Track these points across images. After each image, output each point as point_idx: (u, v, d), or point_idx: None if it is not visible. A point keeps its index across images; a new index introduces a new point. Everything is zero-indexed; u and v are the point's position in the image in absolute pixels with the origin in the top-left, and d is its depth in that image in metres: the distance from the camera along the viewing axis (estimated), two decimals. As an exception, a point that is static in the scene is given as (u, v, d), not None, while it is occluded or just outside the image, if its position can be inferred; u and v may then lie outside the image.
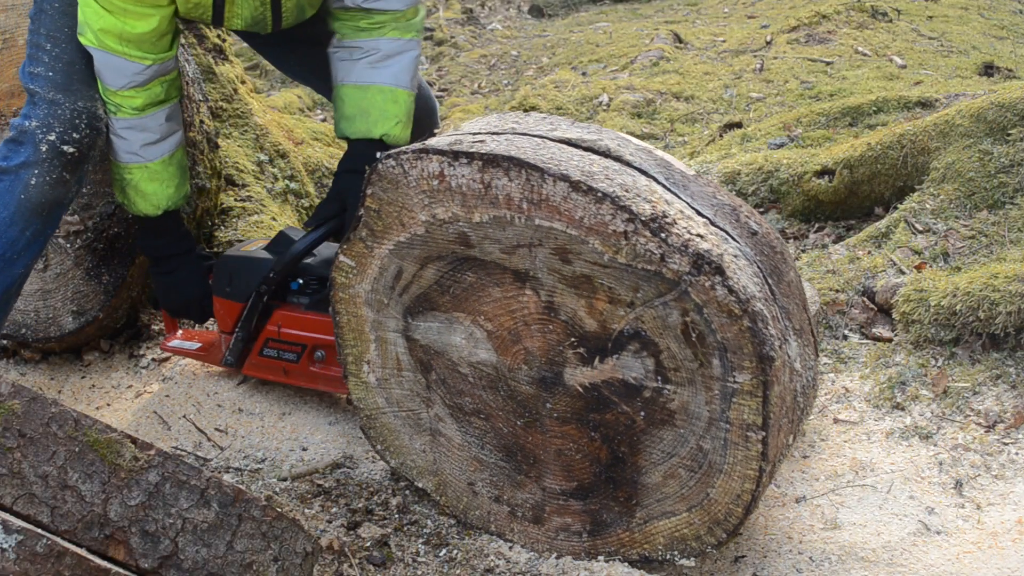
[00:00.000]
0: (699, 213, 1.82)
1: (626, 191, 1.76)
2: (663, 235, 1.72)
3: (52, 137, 2.14)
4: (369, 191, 1.96)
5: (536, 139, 1.87)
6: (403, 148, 1.92)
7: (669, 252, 1.72)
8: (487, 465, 2.08)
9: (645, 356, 1.83)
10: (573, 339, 1.89)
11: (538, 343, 1.93)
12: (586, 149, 1.87)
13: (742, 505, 1.84)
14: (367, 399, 2.17)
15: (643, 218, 1.73)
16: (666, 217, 1.74)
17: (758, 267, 1.83)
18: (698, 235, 1.75)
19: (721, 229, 1.83)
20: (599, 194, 1.74)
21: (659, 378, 1.84)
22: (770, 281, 1.84)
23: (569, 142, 1.88)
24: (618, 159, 1.86)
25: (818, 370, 1.96)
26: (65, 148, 2.15)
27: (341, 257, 2.06)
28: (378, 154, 1.95)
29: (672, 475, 1.89)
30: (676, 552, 1.94)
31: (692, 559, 1.94)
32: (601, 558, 2.01)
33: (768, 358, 1.73)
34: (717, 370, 1.77)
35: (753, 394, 1.75)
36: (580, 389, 1.92)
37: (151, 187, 2.35)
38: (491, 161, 1.80)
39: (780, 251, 1.93)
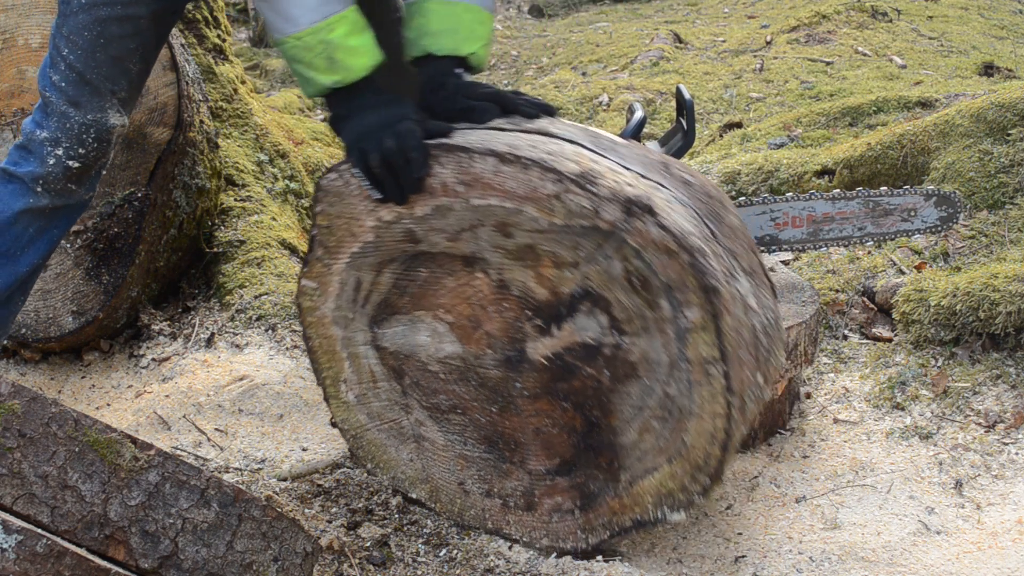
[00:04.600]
0: (628, 169, 1.86)
1: (552, 155, 1.81)
2: (592, 188, 1.77)
3: (59, 152, 2.15)
4: (318, 209, 1.99)
5: (465, 130, 1.91)
6: (343, 160, 1.94)
7: (600, 203, 1.77)
8: (472, 460, 2.09)
9: (598, 313, 1.86)
10: (528, 312, 1.92)
11: (497, 324, 1.95)
12: (512, 131, 1.91)
13: (718, 445, 1.85)
14: (350, 419, 2.18)
15: (571, 176, 1.77)
16: (593, 172, 1.79)
17: (693, 210, 1.86)
18: (627, 184, 1.79)
19: (652, 180, 1.86)
20: (525, 161, 1.79)
21: (615, 332, 1.86)
22: (709, 223, 1.87)
23: (497, 128, 1.92)
24: (545, 133, 1.91)
25: (780, 314, 1.97)
26: (70, 163, 2.15)
27: (303, 281, 2.08)
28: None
29: (647, 429, 1.90)
30: (665, 508, 1.94)
31: (681, 512, 1.93)
32: (597, 531, 2.01)
33: (712, 289, 1.76)
34: (667, 311, 1.80)
35: (705, 328, 1.78)
36: (544, 361, 1.94)
37: (359, 39, 1.93)
38: None
39: (718, 198, 1.96)
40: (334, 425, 2.21)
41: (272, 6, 1.89)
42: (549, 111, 2.03)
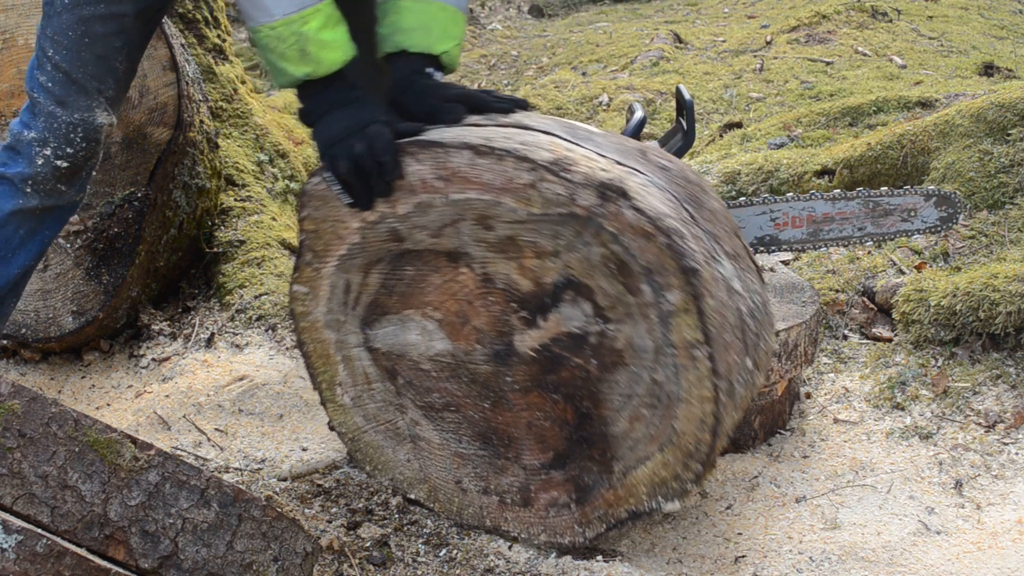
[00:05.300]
0: (603, 156, 1.87)
1: (526, 145, 1.82)
2: (566, 175, 1.78)
3: (47, 152, 2.13)
4: (304, 214, 2.01)
5: (441, 128, 1.92)
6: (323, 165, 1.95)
7: (575, 189, 1.77)
8: (468, 458, 2.09)
9: (581, 301, 1.86)
10: (514, 304, 1.92)
11: (484, 319, 1.96)
12: (488, 125, 1.92)
13: (708, 430, 1.84)
14: (347, 422, 2.19)
15: (544, 163, 1.78)
16: (567, 160, 1.80)
17: (671, 194, 1.86)
18: (601, 169, 1.79)
19: (628, 167, 1.86)
20: (500, 152, 1.80)
21: (599, 320, 1.87)
22: (688, 207, 1.87)
23: (473, 124, 1.94)
24: (520, 126, 1.92)
25: (768, 299, 1.97)
26: (59, 163, 2.14)
27: (295, 287, 2.09)
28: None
29: (637, 417, 1.90)
30: (660, 497, 1.94)
31: (675, 501, 1.92)
32: (594, 524, 2.00)
33: (692, 270, 1.76)
34: (649, 296, 1.80)
35: (687, 310, 1.78)
36: (532, 353, 1.94)
37: (332, 33, 1.93)
38: (399, 150, 1.87)
39: (697, 183, 1.96)
40: (332, 428, 2.22)
41: None
42: (523, 105, 2.03)
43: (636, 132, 2.27)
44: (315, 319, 2.10)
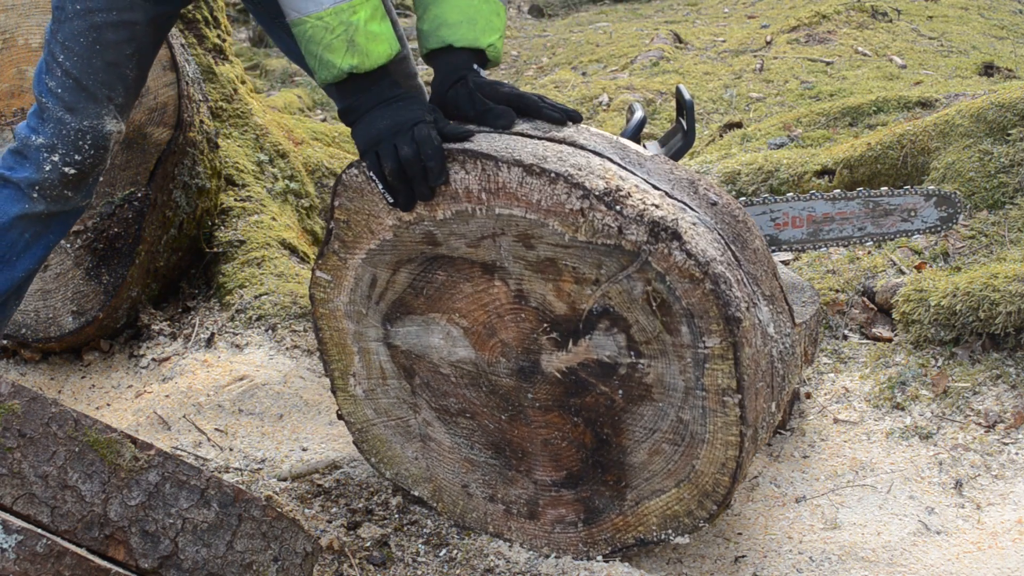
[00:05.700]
0: (655, 187, 1.84)
1: (579, 170, 1.78)
2: (618, 208, 1.75)
3: (55, 158, 2.12)
4: (336, 203, 1.97)
5: (491, 134, 1.89)
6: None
7: (626, 224, 1.75)
8: (478, 465, 2.08)
9: (616, 332, 1.84)
10: (545, 324, 1.90)
11: (513, 334, 1.94)
12: (539, 139, 1.89)
13: (728, 473, 1.84)
14: (356, 412, 2.17)
15: (597, 193, 1.75)
16: (620, 191, 1.77)
17: (718, 234, 1.84)
18: (653, 205, 1.77)
19: (678, 201, 1.84)
20: (552, 175, 1.77)
21: (632, 353, 1.85)
22: (733, 248, 1.86)
23: (523, 134, 1.90)
24: (572, 144, 1.88)
25: (797, 339, 1.96)
26: (67, 170, 2.12)
27: (318, 272, 2.06)
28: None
29: (657, 451, 1.89)
30: (670, 530, 1.94)
31: (686, 536, 1.93)
32: (599, 545, 2.00)
33: (734, 319, 1.74)
34: (687, 337, 1.78)
35: (724, 357, 1.76)
36: (558, 375, 1.93)
37: (379, 25, 1.89)
38: (446, 156, 1.83)
39: (742, 220, 1.94)
40: (340, 417, 2.21)
41: None
42: (575, 117, 1.99)
43: (636, 132, 2.26)
44: (335, 307, 2.08)
